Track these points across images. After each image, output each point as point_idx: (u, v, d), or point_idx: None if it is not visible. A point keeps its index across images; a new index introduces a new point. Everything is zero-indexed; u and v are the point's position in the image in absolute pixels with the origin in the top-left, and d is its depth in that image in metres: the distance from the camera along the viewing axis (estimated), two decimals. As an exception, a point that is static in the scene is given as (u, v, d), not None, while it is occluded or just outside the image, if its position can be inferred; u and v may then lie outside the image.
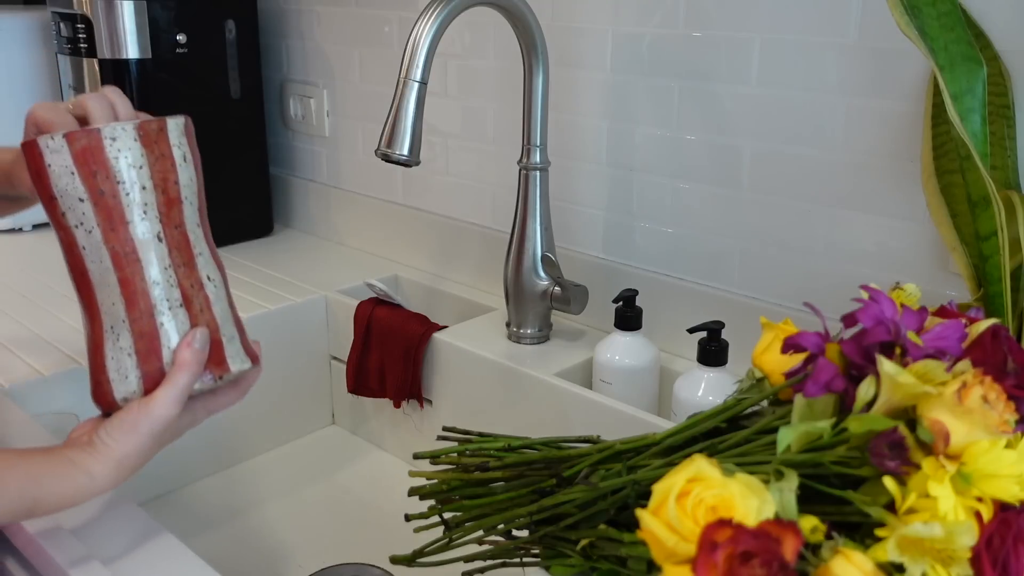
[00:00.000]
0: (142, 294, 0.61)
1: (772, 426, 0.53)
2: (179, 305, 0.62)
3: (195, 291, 0.63)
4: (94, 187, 0.59)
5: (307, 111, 1.37)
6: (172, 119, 0.63)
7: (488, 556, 0.65)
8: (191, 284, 0.63)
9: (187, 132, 0.64)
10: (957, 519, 0.42)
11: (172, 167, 0.62)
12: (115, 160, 0.59)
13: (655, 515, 0.45)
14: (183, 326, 0.62)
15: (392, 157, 0.80)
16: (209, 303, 0.64)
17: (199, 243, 0.64)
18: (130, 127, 0.60)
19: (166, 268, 0.62)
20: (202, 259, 0.64)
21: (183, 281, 0.63)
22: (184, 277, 0.63)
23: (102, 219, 0.59)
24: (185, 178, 0.63)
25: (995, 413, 0.43)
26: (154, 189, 0.61)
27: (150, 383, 0.61)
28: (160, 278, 0.61)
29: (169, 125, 0.62)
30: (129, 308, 0.61)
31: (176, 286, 0.62)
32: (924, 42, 0.63)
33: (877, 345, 0.48)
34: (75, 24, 1.19)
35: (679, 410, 0.84)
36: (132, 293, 0.61)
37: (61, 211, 0.60)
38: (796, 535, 0.41)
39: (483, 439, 0.68)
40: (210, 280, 0.64)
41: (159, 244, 0.61)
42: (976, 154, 0.63)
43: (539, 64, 0.92)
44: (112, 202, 0.60)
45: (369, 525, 0.98)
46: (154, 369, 0.61)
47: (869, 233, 0.83)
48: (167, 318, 0.62)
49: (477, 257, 1.16)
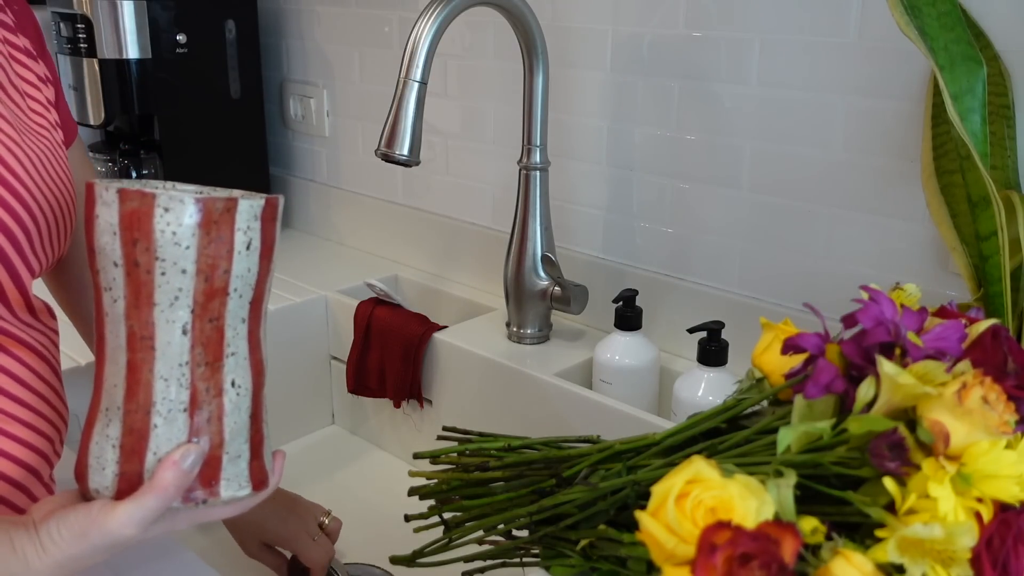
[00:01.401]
0: (144, 386, 0.53)
1: (772, 426, 0.53)
2: (182, 410, 0.53)
3: (209, 397, 0.54)
4: (131, 255, 0.51)
5: (307, 111, 1.37)
6: (249, 200, 0.53)
7: (488, 556, 0.65)
8: (207, 388, 0.54)
9: (264, 217, 0.54)
10: (957, 520, 0.42)
11: (227, 254, 0.53)
12: (160, 233, 0.51)
13: (654, 517, 0.45)
14: (179, 435, 0.53)
15: (392, 157, 0.80)
16: (222, 413, 0.55)
17: (236, 341, 0.55)
18: (189, 200, 0.51)
19: (181, 365, 0.53)
20: (232, 361, 0.55)
21: (198, 383, 0.54)
22: (200, 378, 0.54)
23: (129, 292, 0.52)
24: (241, 268, 0.53)
25: (995, 414, 0.43)
26: (196, 275, 0.52)
27: (124, 485, 0.53)
28: (170, 374, 0.53)
29: (240, 206, 0.52)
30: (127, 397, 0.53)
31: (187, 387, 0.53)
32: (924, 42, 0.63)
33: (877, 346, 0.48)
34: (75, 24, 1.19)
35: (679, 410, 0.84)
36: (135, 382, 0.53)
37: (97, 268, 0.53)
38: (795, 536, 0.41)
39: (483, 439, 0.68)
40: (234, 387, 0.55)
41: (182, 337, 0.53)
42: (976, 154, 0.63)
43: (539, 64, 0.92)
44: (144, 277, 0.52)
45: (369, 525, 0.98)
46: (132, 472, 0.53)
47: (869, 233, 0.83)
48: (162, 420, 0.53)
49: (477, 257, 1.16)
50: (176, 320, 0.52)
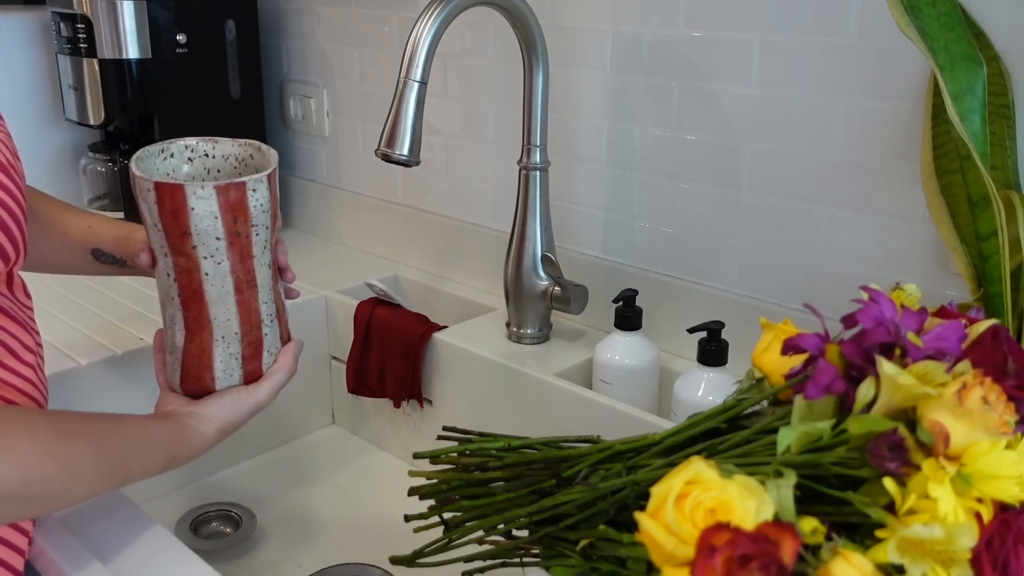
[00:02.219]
0: (254, 312, 0.74)
1: (772, 426, 0.53)
2: (274, 318, 0.77)
3: (281, 306, 0.79)
4: (232, 230, 0.70)
5: (307, 111, 1.37)
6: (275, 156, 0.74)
7: (488, 556, 0.65)
8: (278, 301, 0.78)
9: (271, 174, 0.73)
10: (957, 520, 0.42)
11: (275, 202, 0.73)
12: (254, 208, 0.70)
13: (653, 518, 0.45)
14: (276, 334, 0.78)
15: (392, 157, 0.80)
16: (286, 314, 0.81)
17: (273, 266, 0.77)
18: (264, 178, 0.70)
19: (269, 289, 0.75)
20: (278, 280, 0.79)
21: (277, 299, 0.78)
22: (276, 296, 0.77)
23: (233, 254, 0.71)
24: (274, 211, 0.73)
25: (995, 414, 0.43)
26: (270, 226, 0.73)
27: (249, 379, 0.77)
28: (267, 297, 0.75)
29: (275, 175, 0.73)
30: (243, 322, 0.74)
31: (272, 302, 0.77)
32: (924, 42, 0.63)
33: (877, 346, 0.48)
34: (75, 24, 1.19)
35: (679, 410, 0.84)
36: (247, 311, 0.74)
37: (192, 244, 0.69)
38: (794, 537, 0.41)
39: (483, 439, 0.68)
40: (281, 295, 0.80)
41: (267, 271, 0.75)
42: (976, 154, 0.63)
43: (539, 64, 0.92)
44: (244, 241, 0.71)
45: (369, 525, 0.98)
46: (255, 369, 0.77)
47: (869, 233, 0.83)
48: (268, 328, 0.77)
49: (477, 257, 1.16)
50: (265, 260, 0.74)
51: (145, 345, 0.98)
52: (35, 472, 0.55)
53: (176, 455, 0.70)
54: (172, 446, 0.70)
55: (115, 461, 0.63)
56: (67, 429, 0.60)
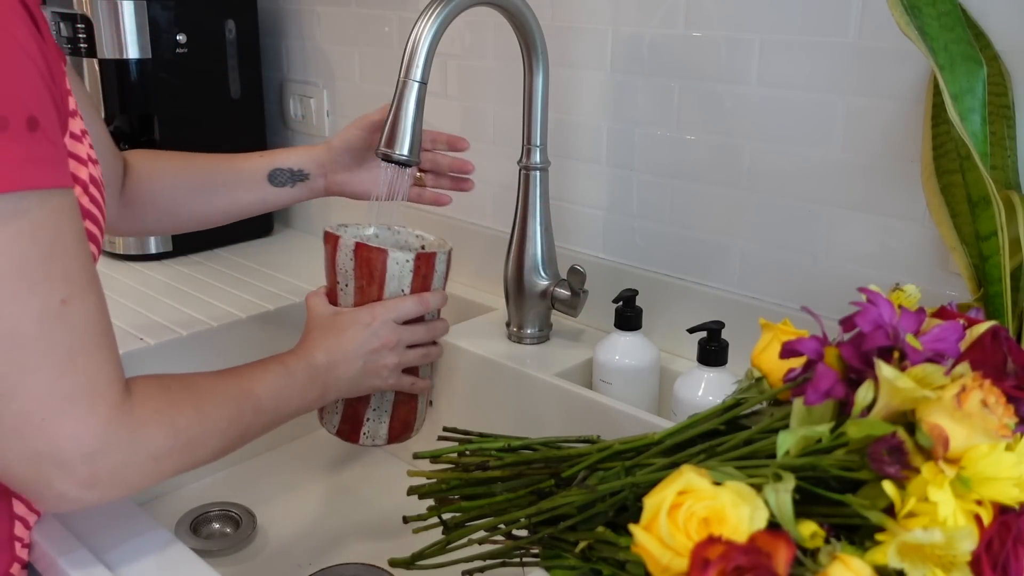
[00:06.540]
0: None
1: (771, 428, 0.53)
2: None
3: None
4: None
5: (307, 111, 1.37)
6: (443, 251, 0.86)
7: (488, 556, 0.65)
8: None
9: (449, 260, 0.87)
10: (957, 524, 0.42)
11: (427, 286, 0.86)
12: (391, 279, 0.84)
13: (648, 531, 0.45)
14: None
15: (392, 157, 0.80)
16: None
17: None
18: (410, 254, 0.83)
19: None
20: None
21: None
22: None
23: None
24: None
25: (994, 417, 0.43)
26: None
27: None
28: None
29: (439, 256, 0.85)
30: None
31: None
32: (924, 42, 0.63)
33: (875, 350, 0.48)
34: (75, 24, 1.19)
35: (679, 410, 0.84)
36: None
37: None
38: (788, 546, 0.41)
39: (483, 439, 0.68)
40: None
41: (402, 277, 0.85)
42: (976, 154, 0.63)
43: (539, 64, 0.92)
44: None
45: (369, 525, 0.98)
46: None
47: (869, 233, 0.83)
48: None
49: (477, 257, 1.16)
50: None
51: (145, 345, 0.98)
52: (177, 421, 0.62)
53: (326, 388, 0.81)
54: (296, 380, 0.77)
55: (237, 393, 0.69)
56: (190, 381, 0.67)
